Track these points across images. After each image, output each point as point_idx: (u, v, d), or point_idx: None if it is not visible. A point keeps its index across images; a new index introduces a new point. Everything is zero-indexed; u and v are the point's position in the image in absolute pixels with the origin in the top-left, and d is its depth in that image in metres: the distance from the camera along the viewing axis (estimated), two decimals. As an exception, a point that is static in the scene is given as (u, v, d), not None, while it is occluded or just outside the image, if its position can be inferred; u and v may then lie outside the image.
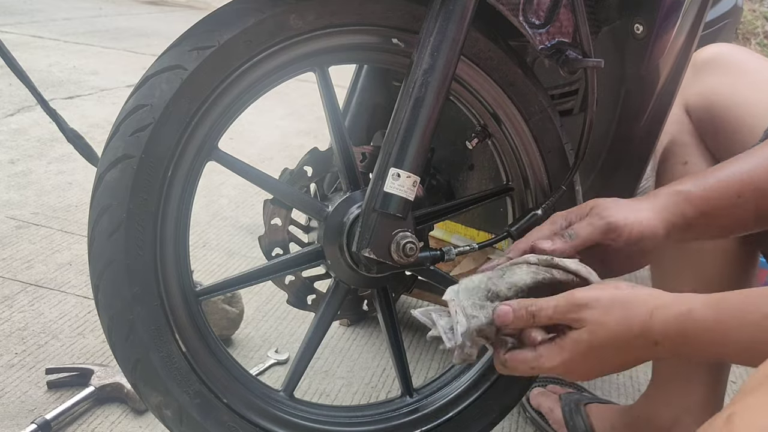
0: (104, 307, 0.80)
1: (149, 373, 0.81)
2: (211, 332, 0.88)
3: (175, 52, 0.80)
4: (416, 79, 0.81)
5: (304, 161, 0.93)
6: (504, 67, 0.94)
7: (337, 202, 0.90)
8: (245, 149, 2.44)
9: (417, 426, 1.00)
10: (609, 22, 1.01)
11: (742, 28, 5.42)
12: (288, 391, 0.94)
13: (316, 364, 1.38)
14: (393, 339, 1.00)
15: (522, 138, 0.98)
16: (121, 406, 1.19)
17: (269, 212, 0.93)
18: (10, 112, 2.54)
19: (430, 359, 1.43)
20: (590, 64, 0.88)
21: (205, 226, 1.91)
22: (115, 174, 0.78)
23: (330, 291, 0.96)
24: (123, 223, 0.78)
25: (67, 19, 4.44)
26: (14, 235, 1.71)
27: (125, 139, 0.78)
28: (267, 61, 0.83)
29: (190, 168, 0.83)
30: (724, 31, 1.81)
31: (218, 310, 1.35)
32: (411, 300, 1.63)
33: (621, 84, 1.06)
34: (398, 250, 0.84)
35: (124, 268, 0.79)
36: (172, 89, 0.78)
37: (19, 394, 1.18)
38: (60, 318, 1.41)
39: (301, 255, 0.93)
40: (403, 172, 0.82)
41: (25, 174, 2.06)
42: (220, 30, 0.80)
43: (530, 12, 0.87)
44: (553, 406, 1.23)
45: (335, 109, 0.91)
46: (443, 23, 0.80)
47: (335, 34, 0.86)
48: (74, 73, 3.20)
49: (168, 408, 0.83)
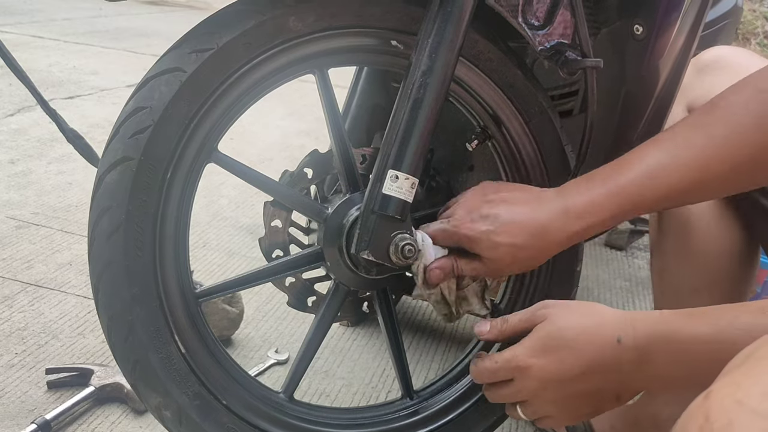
0: (104, 307, 0.80)
1: (148, 374, 0.81)
2: (211, 334, 0.88)
3: (174, 55, 0.80)
4: (415, 81, 0.81)
5: (305, 163, 0.93)
6: (504, 68, 0.94)
7: (337, 203, 0.90)
8: (245, 149, 2.44)
9: (417, 428, 0.99)
10: (609, 23, 1.02)
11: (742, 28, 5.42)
12: (288, 392, 0.94)
13: (317, 364, 1.38)
14: (393, 341, 1.00)
15: (522, 140, 0.98)
16: (121, 406, 1.19)
17: (269, 214, 0.93)
18: (10, 112, 2.55)
19: (431, 360, 1.44)
20: (589, 65, 0.88)
21: (205, 226, 1.91)
22: (115, 176, 0.78)
23: (330, 293, 0.96)
24: (122, 225, 0.78)
25: (67, 19, 4.44)
26: (14, 235, 1.71)
27: (125, 141, 0.78)
28: (266, 64, 0.83)
29: (190, 170, 0.83)
30: (724, 31, 1.81)
31: (218, 311, 1.35)
32: (411, 300, 1.64)
33: (621, 85, 1.06)
34: (397, 252, 0.84)
35: (124, 269, 0.79)
36: (171, 91, 0.78)
37: (19, 394, 1.19)
38: (60, 318, 1.41)
39: (300, 257, 0.93)
40: (402, 174, 0.82)
41: (25, 174, 2.06)
42: (219, 32, 0.80)
43: (529, 13, 0.87)
44: (553, 406, 1.23)
45: (335, 111, 0.91)
46: (441, 24, 0.80)
47: (335, 36, 0.86)
48: (74, 73, 3.20)
49: (167, 409, 0.83)
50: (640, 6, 0.99)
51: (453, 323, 1.16)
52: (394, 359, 1.01)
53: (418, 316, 1.61)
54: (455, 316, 0.92)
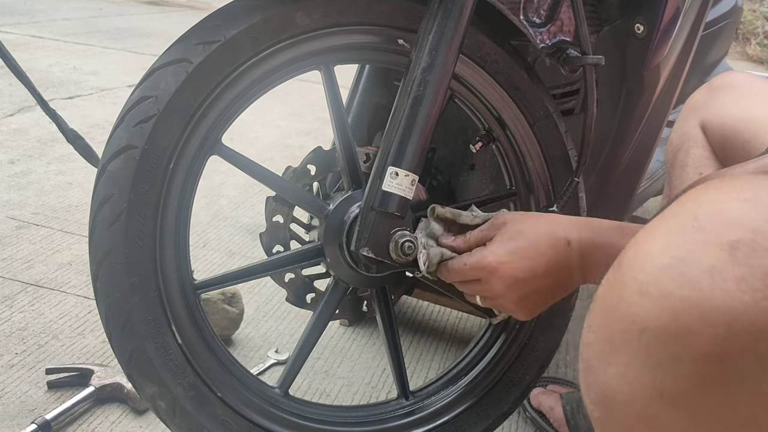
0: (102, 296, 0.80)
1: (144, 363, 0.81)
2: (209, 326, 0.88)
3: (181, 46, 0.80)
4: (415, 78, 0.81)
5: (308, 159, 0.93)
6: (510, 70, 0.94)
7: (339, 200, 0.90)
8: (246, 149, 2.44)
9: (412, 428, 0.99)
10: (610, 22, 1.01)
11: (742, 28, 5.42)
12: (283, 388, 0.94)
13: (317, 364, 1.38)
14: (391, 341, 1.00)
15: (526, 142, 0.98)
16: (121, 406, 1.19)
17: (271, 209, 0.93)
18: (10, 112, 2.54)
19: (430, 359, 1.43)
20: (591, 62, 0.88)
21: (206, 226, 1.91)
22: (118, 164, 0.78)
23: (329, 289, 0.96)
24: (123, 213, 0.78)
25: (67, 19, 4.44)
26: (14, 235, 1.71)
27: (129, 129, 0.78)
28: (272, 58, 0.83)
29: (193, 161, 0.83)
30: (725, 31, 1.82)
31: (218, 310, 1.35)
32: (411, 301, 1.63)
33: (622, 84, 1.06)
34: (396, 249, 0.84)
35: (123, 257, 0.79)
36: (177, 82, 0.78)
37: (20, 394, 1.18)
38: (60, 318, 1.41)
39: (300, 252, 0.93)
40: (402, 171, 0.82)
41: (25, 174, 2.06)
42: (226, 25, 0.80)
43: (531, 11, 0.87)
44: (554, 404, 1.23)
45: (340, 108, 0.91)
46: (442, 22, 0.80)
47: (342, 33, 0.86)
48: (74, 73, 3.20)
49: (162, 399, 0.82)
50: (642, 5, 0.99)
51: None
52: (392, 359, 1.01)
53: (418, 315, 1.61)
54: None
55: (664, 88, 1.06)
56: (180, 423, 0.84)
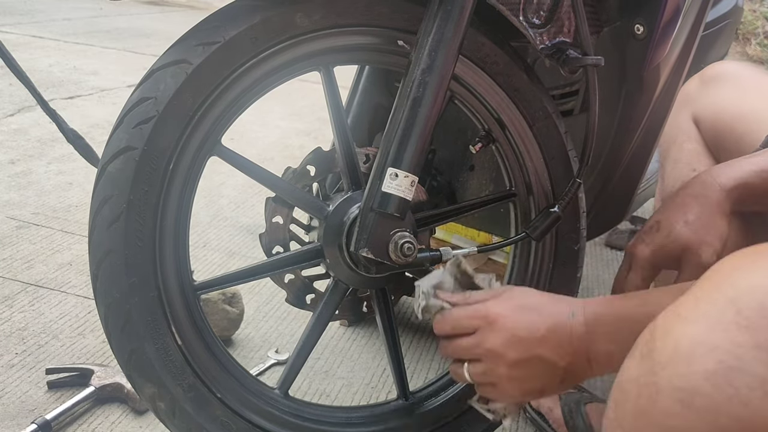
0: (102, 296, 0.80)
1: (144, 364, 0.81)
2: (208, 327, 0.88)
3: (181, 47, 0.80)
4: (414, 79, 0.81)
5: (308, 160, 0.93)
6: (509, 71, 0.94)
7: (338, 201, 0.90)
8: (246, 149, 2.44)
9: (411, 429, 0.99)
10: (610, 23, 1.01)
11: (742, 28, 5.42)
12: (283, 389, 0.94)
13: (317, 364, 1.38)
14: (390, 341, 1.00)
15: (526, 144, 0.98)
16: (121, 406, 1.19)
17: (271, 210, 0.93)
18: (10, 112, 2.55)
19: (430, 360, 1.43)
20: (590, 62, 0.87)
21: (206, 226, 1.91)
22: (118, 165, 0.78)
23: (328, 290, 0.96)
24: (123, 214, 0.78)
25: (67, 19, 4.44)
26: (14, 235, 1.71)
27: (129, 130, 0.78)
28: (272, 59, 0.83)
29: (192, 162, 0.83)
30: (725, 31, 1.82)
31: (218, 311, 1.35)
32: (411, 300, 1.63)
33: (622, 85, 1.06)
34: (396, 250, 0.84)
35: (123, 258, 0.79)
36: (176, 83, 0.78)
37: (20, 394, 1.18)
38: (60, 318, 1.41)
39: (300, 253, 0.93)
40: (401, 172, 0.82)
41: (25, 174, 2.06)
42: (226, 26, 0.80)
43: (531, 12, 0.87)
44: (553, 405, 1.23)
45: (339, 109, 0.91)
46: (441, 23, 0.80)
47: (341, 34, 0.86)
48: (74, 73, 3.20)
49: (161, 400, 0.82)
50: (642, 6, 0.98)
51: None
52: (391, 360, 1.01)
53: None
54: None
55: (664, 88, 1.06)
56: (179, 424, 0.84)
